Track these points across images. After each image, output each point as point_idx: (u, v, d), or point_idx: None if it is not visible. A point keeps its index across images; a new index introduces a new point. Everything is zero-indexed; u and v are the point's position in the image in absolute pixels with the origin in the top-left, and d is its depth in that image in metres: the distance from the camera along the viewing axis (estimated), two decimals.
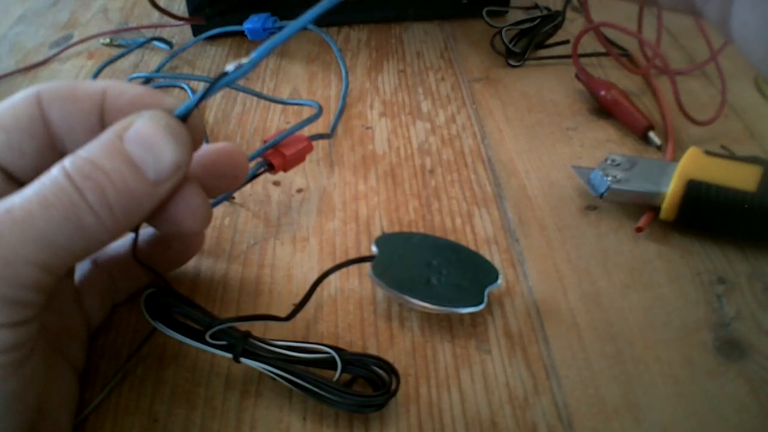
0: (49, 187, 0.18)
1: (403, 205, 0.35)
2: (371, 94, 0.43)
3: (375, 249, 0.29)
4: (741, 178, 0.30)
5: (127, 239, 0.28)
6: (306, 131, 0.33)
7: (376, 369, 0.25)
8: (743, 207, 0.30)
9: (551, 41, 0.48)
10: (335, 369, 0.25)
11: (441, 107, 0.42)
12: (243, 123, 0.41)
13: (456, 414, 0.25)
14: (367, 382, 0.25)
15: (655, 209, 0.32)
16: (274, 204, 0.35)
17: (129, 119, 0.20)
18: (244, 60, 0.19)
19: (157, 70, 0.46)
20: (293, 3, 0.47)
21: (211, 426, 0.25)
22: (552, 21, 0.49)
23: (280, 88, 0.44)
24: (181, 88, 0.44)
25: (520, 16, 0.50)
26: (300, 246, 0.33)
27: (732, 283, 0.30)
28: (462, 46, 0.49)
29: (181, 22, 0.48)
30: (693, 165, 0.31)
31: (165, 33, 0.51)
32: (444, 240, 0.30)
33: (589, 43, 0.46)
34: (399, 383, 0.25)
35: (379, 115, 0.41)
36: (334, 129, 0.40)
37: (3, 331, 0.18)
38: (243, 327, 0.26)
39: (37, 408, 0.20)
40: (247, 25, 0.47)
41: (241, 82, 0.45)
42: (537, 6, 0.52)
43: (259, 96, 0.42)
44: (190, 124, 0.21)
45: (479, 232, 0.33)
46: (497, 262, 0.31)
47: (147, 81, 0.45)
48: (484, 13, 0.49)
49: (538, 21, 0.48)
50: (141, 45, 0.49)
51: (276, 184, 0.36)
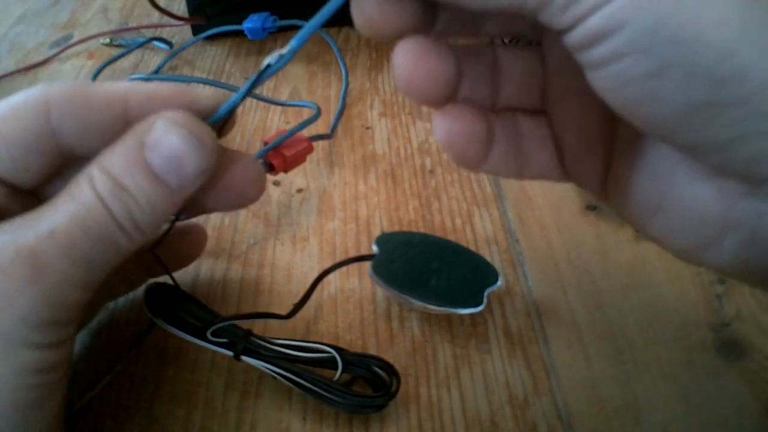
0: (86, 210, 0.17)
1: (403, 205, 0.35)
2: (371, 94, 0.43)
3: (375, 248, 0.29)
4: None
5: None
6: (306, 132, 0.32)
7: (376, 369, 0.25)
8: None
9: None
10: (336, 369, 0.25)
11: None
12: (243, 123, 0.41)
13: (456, 414, 0.25)
14: (367, 382, 0.25)
15: None
16: (274, 204, 0.35)
17: (149, 122, 0.18)
18: (283, 51, 0.19)
19: (156, 71, 0.46)
20: (293, 2, 0.47)
21: (211, 426, 0.25)
22: None
23: (280, 88, 0.44)
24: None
25: None
26: (300, 246, 0.33)
27: (732, 283, 0.30)
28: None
29: (181, 22, 0.48)
30: None
31: (165, 33, 0.51)
32: (444, 240, 0.30)
33: None
34: (399, 384, 0.25)
35: (379, 115, 0.41)
36: (334, 129, 0.40)
37: (49, 352, 0.17)
38: (243, 325, 0.26)
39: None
40: (247, 25, 0.47)
41: (240, 82, 0.45)
42: None
43: (258, 98, 0.42)
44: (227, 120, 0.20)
45: (479, 232, 0.33)
46: (497, 262, 0.31)
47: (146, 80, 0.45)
48: None
49: None
50: (141, 45, 0.49)
51: (276, 184, 0.36)
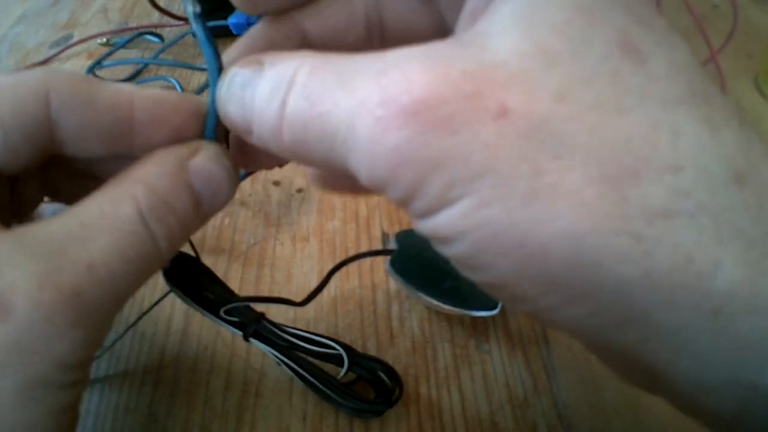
0: (128, 238, 0.16)
1: (408, 214, 0.35)
2: None
3: (395, 244, 0.29)
4: None
5: None
6: None
7: (380, 374, 0.25)
8: None
9: None
10: (341, 366, 0.25)
11: None
12: None
13: (456, 414, 0.25)
14: (369, 384, 0.25)
15: None
16: (274, 204, 0.35)
17: (192, 146, 0.18)
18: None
19: (144, 67, 0.46)
20: None
21: (211, 426, 0.25)
22: None
23: None
24: (168, 82, 0.44)
25: None
26: (300, 246, 0.33)
27: None
28: None
29: (181, 22, 0.48)
30: None
31: (165, 33, 0.51)
32: None
33: None
34: (401, 393, 0.25)
35: None
36: None
37: (81, 387, 0.17)
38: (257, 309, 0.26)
39: None
40: (232, 20, 0.47)
41: None
42: None
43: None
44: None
45: None
46: None
47: (134, 76, 0.45)
48: None
49: None
50: (131, 41, 0.49)
51: (276, 183, 0.36)
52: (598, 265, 0.12)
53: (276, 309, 0.28)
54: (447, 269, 0.28)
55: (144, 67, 0.47)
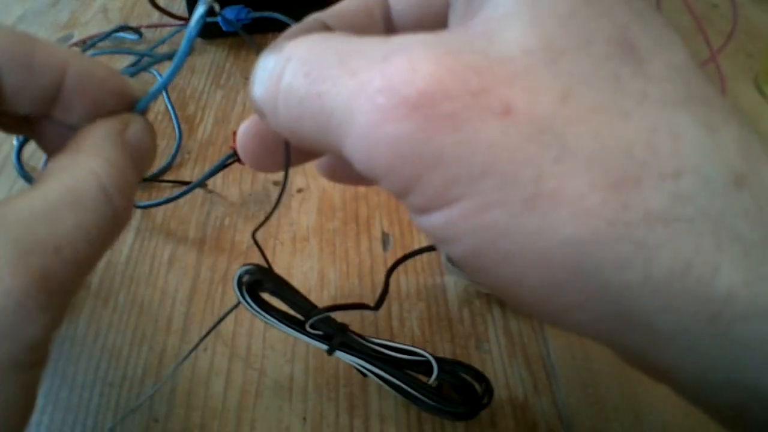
0: (91, 216, 0.17)
1: (403, 205, 0.35)
2: None
3: None
4: None
5: None
6: None
7: (466, 377, 0.24)
8: None
9: None
10: (426, 373, 0.24)
11: None
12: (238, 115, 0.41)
13: None
14: (454, 389, 0.25)
15: None
16: (274, 204, 0.35)
17: (123, 119, 0.19)
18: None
19: (134, 64, 0.46)
20: (293, 2, 0.47)
21: (211, 426, 0.25)
22: None
23: None
24: (151, 74, 0.44)
25: None
26: (300, 246, 0.33)
27: None
28: None
29: (181, 21, 0.48)
30: None
31: (165, 33, 0.51)
32: None
33: None
34: (492, 396, 0.24)
35: None
36: None
37: (37, 368, 0.17)
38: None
39: None
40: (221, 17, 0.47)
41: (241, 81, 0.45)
42: None
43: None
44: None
45: None
46: None
47: (134, 72, 0.45)
48: None
49: None
50: (106, 38, 0.49)
51: (276, 183, 0.36)
52: (599, 272, 0.12)
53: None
54: None
55: (139, 60, 0.47)
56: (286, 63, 0.14)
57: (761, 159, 0.13)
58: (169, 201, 0.34)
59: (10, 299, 0.15)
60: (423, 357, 0.24)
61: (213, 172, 0.33)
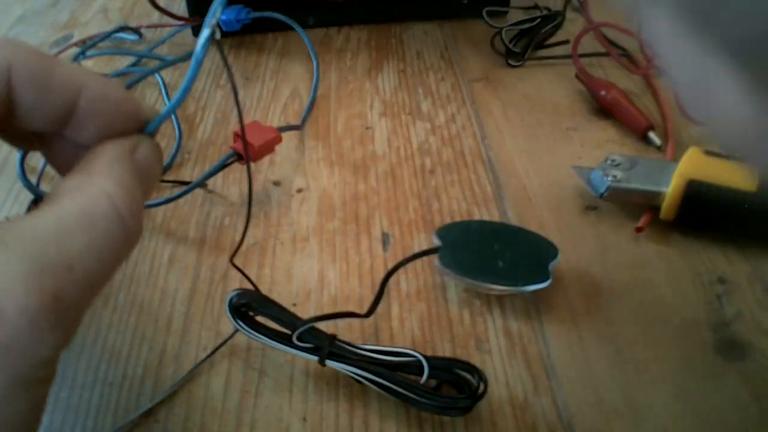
0: (104, 237, 0.17)
1: (403, 205, 0.35)
2: (371, 94, 0.43)
3: (437, 240, 0.29)
4: (741, 178, 0.30)
5: None
6: (276, 122, 0.33)
7: (461, 372, 0.24)
8: (743, 207, 0.30)
9: (551, 41, 0.48)
10: (418, 373, 0.24)
11: (441, 107, 0.42)
12: (244, 120, 0.41)
13: None
14: (452, 386, 0.25)
15: (655, 209, 0.32)
16: (274, 204, 0.35)
17: (133, 140, 0.19)
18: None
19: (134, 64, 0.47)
20: (293, 2, 0.47)
21: (211, 426, 0.25)
22: (552, 21, 0.49)
23: (280, 88, 0.44)
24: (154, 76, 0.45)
25: (520, 16, 0.50)
26: (300, 246, 0.33)
27: (732, 283, 0.30)
28: (462, 46, 0.49)
29: (181, 21, 0.48)
30: (693, 165, 0.31)
31: (165, 33, 0.51)
32: (498, 223, 0.32)
33: (589, 43, 0.46)
34: (487, 386, 0.24)
35: (379, 115, 0.41)
36: (304, 120, 0.41)
37: (46, 384, 0.17)
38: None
39: None
40: (221, 17, 0.46)
41: (240, 84, 0.45)
42: (537, 6, 0.52)
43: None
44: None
45: None
46: None
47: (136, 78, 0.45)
48: (484, 14, 0.49)
49: (538, 21, 0.48)
50: (105, 38, 0.49)
51: (276, 183, 0.36)
52: None
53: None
54: (494, 252, 0.28)
55: (138, 60, 0.47)
56: None
57: None
58: (169, 201, 0.34)
59: (23, 317, 0.15)
60: (413, 357, 0.24)
61: (213, 172, 0.33)
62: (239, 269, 0.26)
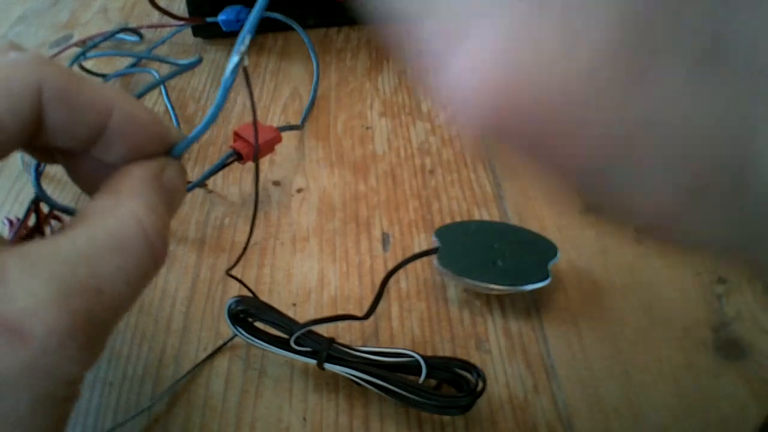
0: (133, 260, 0.17)
1: (403, 205, 0.35)
2: (371, 94, 0.43)
3: (436, 240, 0.29)
4: None
5: None
6: (276, 122, 0.33)
7: (459, 371, 0.25)
8: None
9: None
10: (417, 374, 0.24)
11: (441, 107, 0.42)
12: (243, 123, 0.41)
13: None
14: (451, 385, 0.25)
15: None
16: (274, 204, 0.35)
17: (161, 162, 0.19)
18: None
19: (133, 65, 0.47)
20: (293, 2, 0.47)
21: (211, 426, 0.25)
22: None
23: (280, 88, 0.44)
24: (151, 74, 0.44)
25: None
26: (300, 246, 0.33)
27: (732, 283, 0.30)
28: None
29: (181, 21, 0.48)
30: None
31: (165, 33, 0.51)
32: (498, 223, 0.32)
33: None
34: (485, 384, 0.24)
35: (379, 115, 0.41)
36: (304, 120, 0.41)
37: (72, 401, 0.17)
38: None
39: None
40: (222, 17, 0.47)
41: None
42: None
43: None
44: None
45: None
46: None
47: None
48: None
49: None
50: (105, 39, 0.49)
51: (276, 183, 0.36)
52: None
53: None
54: (493, 251, 0.28)
55: (138, 61, 0.47)
56: None
57: None
58: None
59: (53, 339, 0.15)
60: (411, 358, 0.24)
61: (213, 172, 0.33)
62: (237, 279, 0.26)
